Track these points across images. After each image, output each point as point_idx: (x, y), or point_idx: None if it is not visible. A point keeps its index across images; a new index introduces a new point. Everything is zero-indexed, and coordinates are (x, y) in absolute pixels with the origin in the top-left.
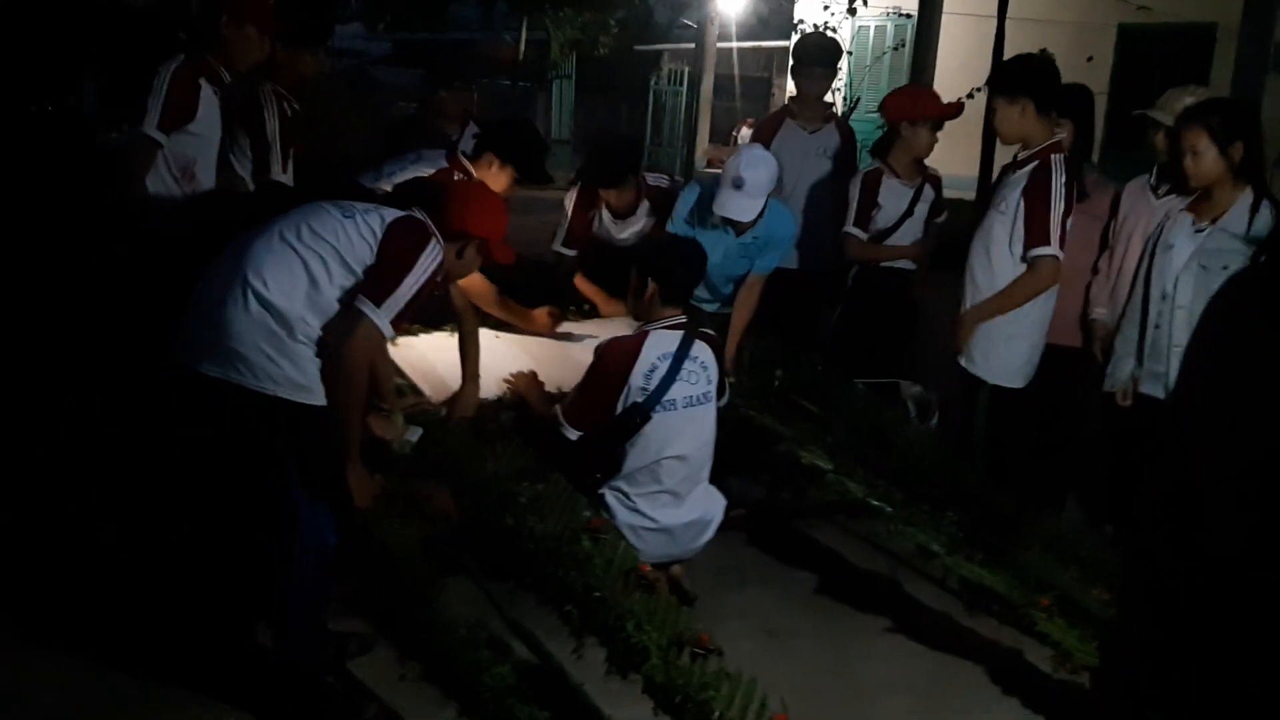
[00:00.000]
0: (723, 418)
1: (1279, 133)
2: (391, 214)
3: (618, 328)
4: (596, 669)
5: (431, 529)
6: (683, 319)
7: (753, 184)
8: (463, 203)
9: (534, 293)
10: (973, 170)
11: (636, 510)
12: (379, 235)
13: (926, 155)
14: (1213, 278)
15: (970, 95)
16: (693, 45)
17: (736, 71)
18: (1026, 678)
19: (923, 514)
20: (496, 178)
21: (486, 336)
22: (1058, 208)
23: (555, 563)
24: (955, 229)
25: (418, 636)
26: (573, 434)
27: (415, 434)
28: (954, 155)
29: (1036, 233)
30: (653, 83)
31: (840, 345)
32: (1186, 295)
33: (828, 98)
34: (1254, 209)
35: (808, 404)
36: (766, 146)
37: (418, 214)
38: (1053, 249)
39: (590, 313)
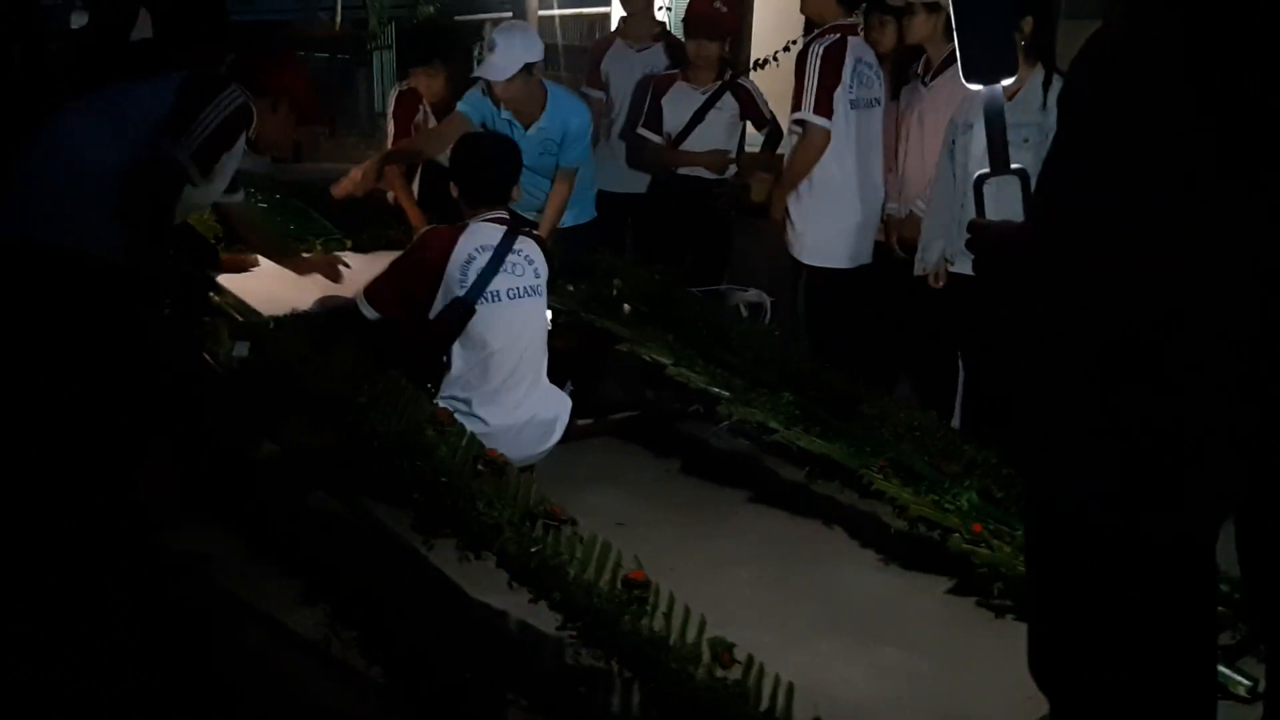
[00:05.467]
0: (561, 326)
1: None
2: (186, 75)
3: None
4: (450, 554)
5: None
6: (505, 214)
7: (504, 46)
8: (260, 62)
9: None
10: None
11: (473, 415)
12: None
13: (705, 68)
14: (1011, 151)
15: (786, 48)
16: (511, 15)
17: (560, 40)
18: (869, 530)
19: (761, 396)
20: None
21: None
22: (813, 75)
23: (400, 456)
24: None
25: (264, 531)
26: (370, 312)
27: (243, 348)
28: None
29: (795, 99)
30: (475, 53)
31: (641, 253)
32: None
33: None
34: (1045, 84)
35: (645, 308)
36: (596, 67)
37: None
38: (803, 114)
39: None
